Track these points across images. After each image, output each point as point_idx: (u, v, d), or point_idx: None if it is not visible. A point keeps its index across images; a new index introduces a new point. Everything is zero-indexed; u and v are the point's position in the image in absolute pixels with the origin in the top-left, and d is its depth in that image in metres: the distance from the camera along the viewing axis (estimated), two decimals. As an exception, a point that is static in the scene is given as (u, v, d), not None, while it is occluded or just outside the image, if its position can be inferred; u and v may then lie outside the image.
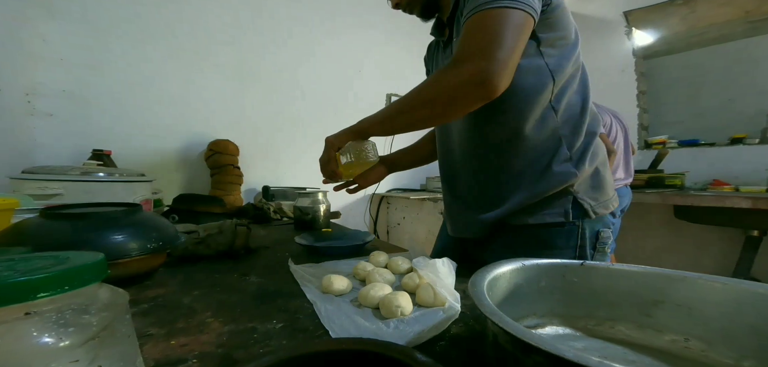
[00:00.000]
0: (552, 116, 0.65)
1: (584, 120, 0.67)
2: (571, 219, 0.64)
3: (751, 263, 2.11)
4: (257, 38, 1.93)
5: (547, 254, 0.59)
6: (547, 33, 0.63)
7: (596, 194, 0.67)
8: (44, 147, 1.43)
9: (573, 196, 0.65)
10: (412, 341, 0.40)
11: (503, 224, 0.69)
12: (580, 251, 0.65)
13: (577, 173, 0.64)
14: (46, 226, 0.58)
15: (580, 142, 0.66)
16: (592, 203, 0.66)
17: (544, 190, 0.64)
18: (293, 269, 0.69)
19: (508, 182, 0.68)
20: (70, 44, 1.47)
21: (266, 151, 1.97)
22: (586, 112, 0.68)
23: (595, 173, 0.68)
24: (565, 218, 0.65)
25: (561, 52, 0.64)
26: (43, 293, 0.19)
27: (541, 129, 0.65)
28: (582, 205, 0.65)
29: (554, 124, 0.65)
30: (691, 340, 0.38)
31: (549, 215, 0.65)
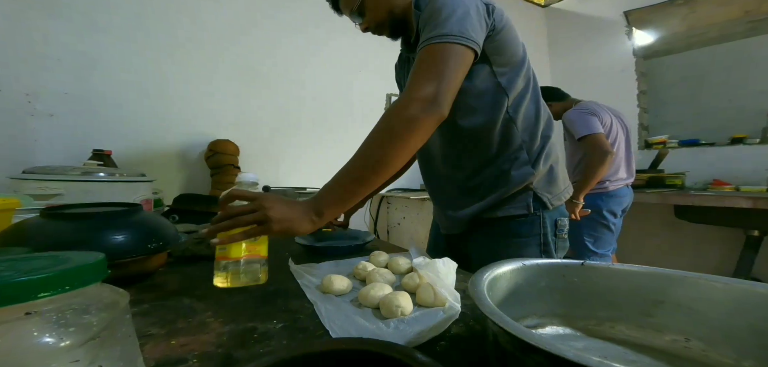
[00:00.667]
0: (512, 126, 0.75)
1: (539, 126, 0.78)
2: (533, 211, 0.76)
3: (751, 263, 2.11)
4: (257, 38, 1.93)
5: (516, 241, 0.76)
6: (497, 56, 0.72)
7: (551, 188, 0.78)
8: (45, 147, 1.43)
9: (533, 191, 0.76)
10: (412, 341, 0.40)
11: (478, 219, 0.79)
12: (544, 238, 0.76)
13: (534, 173, 0.75)
14: (47, 226, 0.58)
15: (536, 145, 0.77)
16: (549, 196, 0.77)
17: (507, 190, 0.75)
18: (293, 269, 0.69)
19: (477, 186, 0.79)
20: (71, 44, 1.47)
21: (266, 151, 1.97)
22: (541, 119, 0.78)
23: (550, 171, 0.78)
24: (527, 210, 0.76)
25: (511, 70, 0.74)
26: (44, 293, 0.19)
27: (502, 138, 0.76)
28: (541, 198, 0.76)
29: (515, 133, 0.75)
30: (691, 340, 0.38)
31: (513, 208, 0.76)
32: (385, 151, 0.59)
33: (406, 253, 0.82)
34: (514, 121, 0.75)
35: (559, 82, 2.18)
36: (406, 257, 0.74)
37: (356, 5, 0.76)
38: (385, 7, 0.78)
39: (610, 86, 2.81)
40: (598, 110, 1.69)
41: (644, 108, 2.80)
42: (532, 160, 0.76)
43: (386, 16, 0.79)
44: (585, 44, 3.02)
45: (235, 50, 1.87)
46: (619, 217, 1.81)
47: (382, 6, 0.78)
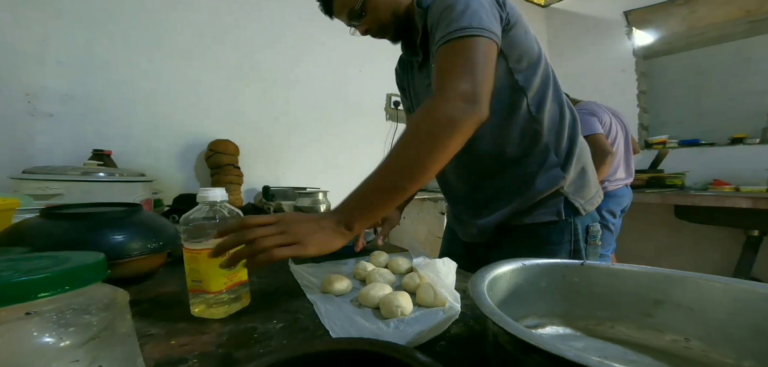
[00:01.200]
0: (535, 127, 0.70)
1: (564, 124, 0.73)
2: (564, 217, 0.71)
3: (751, 262, 2.11)
4: (257, 38, 1.93)
5: (546, 250, 0.70)
6: (512, 51, 0.68)
7: (583, 192, 0.74)
8: (44, 147, 1.42)
9: (564, 196, 0.71)
10: (412, 341, 0.40)
11: (503, 226, 0.74)
12: (575, 246, 0.71)
13: (565, 176, 0.70)
14: (47, 226, 0.58)
15: (564, 144, 0.72)
16: (582, 201, 0.72)
17: (534, 195, 0.70)
18: (293, 269, 0.69)
19: (498, 192, 0.74)
20: (71, 45, 1.47)
21: (266, 151, 1.97)
22: (565, 117, 0.73)
23: (581, 173, 0.74)
24: (558, 216, 0.71)
25: (529, 66, 0.70)
26: (44, 293, 0.19)
27: (524, 140, 0.71)
28: (573, 204, 0.71)
29: (538, 134, 0.71)
30: (691, 340, 0.38)
31: (543, 214, 0.71)
32: (421, 156, 0.53)
33: (406, 253, 0.82)
34: (539, 120, 0.70)
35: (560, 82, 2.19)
36: (406, 257, 0.74)
37: (358, 5, 0.72)
38: (388, 7, 0.74)
39: (611, 86, 2.81)
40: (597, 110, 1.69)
41: (644, 108, 2.80)
42: (562, 162, 0.71)
43: (390, 17, 0.75)
44: (585, 44, 3.02)
45: (236, 50, 1.87)
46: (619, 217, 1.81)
47: (386, 6, 0.74)
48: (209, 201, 0.49)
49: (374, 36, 0.79)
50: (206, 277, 0.47)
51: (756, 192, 1.94)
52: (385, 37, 0.79)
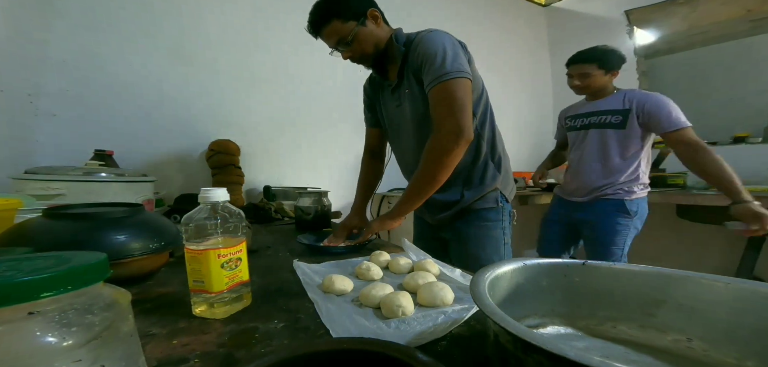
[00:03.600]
0: (479, 142, 0.96)
1: (496, 139, 1.02)
2: (499, 204, 1.01)
3: (753, 262, 2.10)
4: (258, 38, 1.93)
5: (488, 225, 1.00)
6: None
7: (508, 188, 1.04)
8: (46, 147, 1.43)
9: (499, 190, 1.01)
10: (412, 341, 0.40)
11: (462, 210, 1.00)
12: (503, 223, 1.01)
13: (499, 177, 1.01)
14: (49, 226, 0.59)
15: (497, 154, 1.02)
16: (508, 194, 1.03)
17: (483, 190, 0.99)
18: (296, 265, 0.69)
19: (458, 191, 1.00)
20: (72, 45, 1.48)
21: (267, 150, 1.97)
22: (496, 134, 1.03)
23: (505, 174, 1.03)
24: (495, 204, 1.00)
25: (477, 97, 0.94)
26: (46, 292, 0.19)
27: (472, 152, 0.96)
28: (504, 195, 1.02)
29: (480, 147, 0.97)
30: (693, 340, 0.38)
31: (487, 202, 1.00)
32: (432, 173, 0.86)
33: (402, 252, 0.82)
34: (481, 136, 0.97)
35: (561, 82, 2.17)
36: (406, 257, 0.74)
37: (349, 38, 0.89)
38: (371, 41, 0.92)
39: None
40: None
41: (646, 107, 2.78)
42: (497, 167, 1.01)
43: (372, 49, 0.93)
44: (586, 43, 2.97)
45: (237, 50, 1.87)
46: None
47: (370, 40, 0.92)
48: (211, 201, 0.49)
49: (354, 62, 0.96)
50: (208, 277, 0.47)
51: (758, 191, 1.93)
52: (362, 63, 0.96)
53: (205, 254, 0.47)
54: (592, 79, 1.46)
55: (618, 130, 1.40)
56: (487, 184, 0.99)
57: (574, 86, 1.52)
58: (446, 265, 0.70)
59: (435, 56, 0.82)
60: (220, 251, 0.47)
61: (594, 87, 1.47)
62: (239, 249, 0.50)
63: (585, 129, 1.50)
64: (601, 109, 1.46)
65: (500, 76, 2.90)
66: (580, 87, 1.50)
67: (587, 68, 1.45)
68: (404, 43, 0.92)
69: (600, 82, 1.47)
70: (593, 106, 1.50)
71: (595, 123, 1.47)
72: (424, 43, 0.86)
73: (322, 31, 0.91)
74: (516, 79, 2.94)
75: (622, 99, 1.43)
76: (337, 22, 0.89)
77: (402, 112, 0.99)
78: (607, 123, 1.43)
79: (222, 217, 0.49)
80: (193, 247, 0.48)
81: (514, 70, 2.95)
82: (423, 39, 0.87)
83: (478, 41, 2.79)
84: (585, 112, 1.52)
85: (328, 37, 0.92)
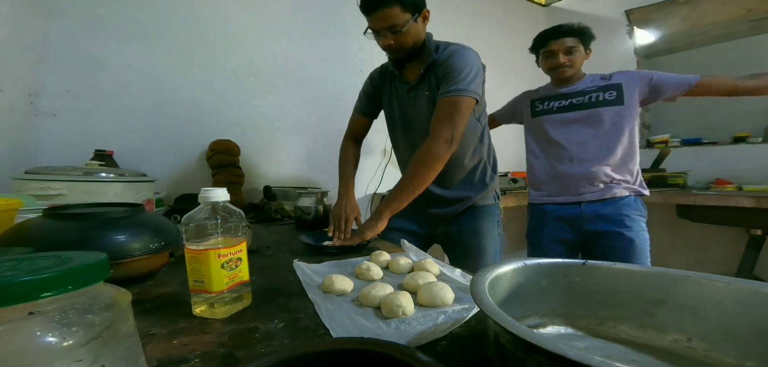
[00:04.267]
0: (481, 149, 1.12)
1: (491, 150, 1.18)
2: (495, 201, 1.16)
3: (754, 262, 2.10)
4: (258, 37, 1.93)
5: (489, 219, 1.12)
6: (481, 101, 1.01)
7: (498, 189, 1.19)
8: (47, 147, 1.43)
9: (495, 190, 1.17)
10: (412, 341, 0.40)
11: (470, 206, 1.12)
12: (498, 217, 1.15)
13: (496, 177, 1.17)
14: (49, 226, 0.59)
15: (492, 162, 1.17)
16: (498, 193, 1.19)
17: (484, 190, 1.12)
18: (296, 265, 0.69)
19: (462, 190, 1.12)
20: (73, 44, 1.48)
21: (267, 151, 1.97)
22: (491, 143, 1.18)
23: (492, 176, 1.16)
24: (493, 201, 1.16)
25: (481, 109, 1.09)
26: (47, 292, 0.19)
27: (474, 157, 1.11)
28: (497, 194, 1.18)
29: (483, 155, 1.12)
30: (693, 340, 0.38)
31: (487, 199, 1.14)
32: (422, 176, 0.94)
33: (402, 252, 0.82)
34: (483, 143, 1.12)
35: (561, 82, 2.17)
36: (406, 257, 0.74)
37: (405, 27, 0.92)
38: (415, 38, 0.97)
39: (612, 85, 2.80)
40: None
41: (646, 107, 2.79)
42: (493, 170, 1.17)
43: (411, 46, 0.98)
44: (586, 43, 3.01)
45: (237, 50, 1.87)
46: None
47: (414, 37, 0.97)
48: (211, 201, 0.49)
49: (393, 53, 1.00)
50: (208, 277, 0.47)
51: (759, 191, 1.93)
52: (396, 55, 1.01)
53: (206, 254, 0.47)
54: (576, 57, 1.25)
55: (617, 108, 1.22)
56: (487, 183, 1.13)
57: (557, 66, 1.26)
58: (446, 265, 0.70)
59: (461, 71, 0.93)
60: (220, 251, 0.47)
61: (577, 66, 1.27)
62: (239, 249, 0.50)
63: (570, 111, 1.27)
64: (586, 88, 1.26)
65: (500, 75, 2.90)
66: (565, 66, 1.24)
67: (572, 42, 1.23)
68: (435, 48, 1.01)
69: (581, 61, 1.28)
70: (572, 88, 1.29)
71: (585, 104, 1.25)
72: (457, 57, 0.96)
73: (380, 10, 0.90)
74: (516, 79, 2.94)
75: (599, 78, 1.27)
76: (398, 8, 0.90)
77: (417, 111, 1.06)
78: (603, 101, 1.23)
79: (222, 217, 0.49)
80: (194, 247, 0.48)
81: (514, 69, 2.94)
82: (457, 52, 0.97)
83: (478, 40, 2.79)
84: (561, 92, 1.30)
85: (382, 19, 0.91)
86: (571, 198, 1.28)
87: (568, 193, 1.29)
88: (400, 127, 1.13)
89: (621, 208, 1.23)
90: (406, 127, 1.11)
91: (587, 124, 1.24)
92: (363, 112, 1.22)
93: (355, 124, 1.25)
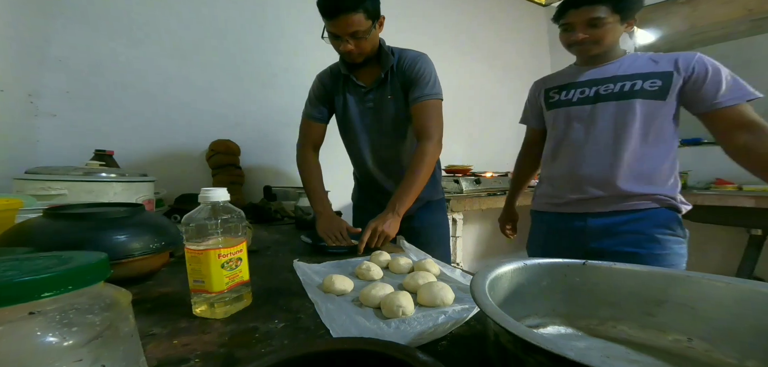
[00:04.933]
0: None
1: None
2: (443, 196, 1.29)
3: (754, 262, 2.10)
4: (259, 37, 1.94)
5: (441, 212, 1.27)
6: None
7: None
8: (47, 147, 1.43)
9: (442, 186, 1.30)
10: (412, 341, 0.40)
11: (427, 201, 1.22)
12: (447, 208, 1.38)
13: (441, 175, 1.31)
14: (50, 226, 0.59)
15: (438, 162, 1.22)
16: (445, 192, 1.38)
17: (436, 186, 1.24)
18: (296, 265, 0.69)
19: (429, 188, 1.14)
20: (72, 45, 1.48)
21: (267, 150, 1.97)
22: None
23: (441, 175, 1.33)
24: (442, 195, 1.28)
25: None
26: (47, 292, 0.19)
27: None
28: (444, 191, 1.33)
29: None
30: (694, 340, 0.38)
31: (438, 194, 1.26)
32: (426, 174, 1.02)
33: (402, 252, 0.82)
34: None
35: (561, 82, 2.17)
36: (406, 257, 0.74)
37: (368, 34, 0.96)
38: (373, 44, 1.03)
39: (612, 85, 2.79)
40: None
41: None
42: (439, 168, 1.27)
43: (369, 52, 1.02)
44: (586, 43, 3.00)
45: (237, 50, 1.87)
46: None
47: (373, 43, 1.02)
48: (211, 201, 0.49)
49: (350, 58, 1.01)
50: (208, 277, 0.47)
51: (759, 191, 1.93)
52: (353, 60, 1.02)
53: (206, 254, 0.47)
54: (606, 31, 0.92)
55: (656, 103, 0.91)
56: (438, 180, 1.27)
57: (576, 42, 0.96)
58: (446, 265, 0.70)
59: (430, 76, 1.04)
60: (220, 251, 0.47)
61: (607, 42, 0.94)
62: (239, 249, 0.50)
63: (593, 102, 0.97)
64: (624, 72, 0.94)
65: (500, 74, 2.90)
66: (587, 43, 0.95)
67: (598, 11, 0.90)
68: (392, 52, 1.07)
69: (614, 36, 0.94)
70: (602, 72, 0.98)
71: (615, 93, 0.93)
72: (424, 62, 1.05)
73: (345, 15, 0.91)
74: (516, 78, 2.94)
75: (647, 60, 0.95)
76: (362, 14, 0.92)
77: (377, 113, 1.11)
78: (641, 91, 0.91)
79: (222, 217, 0.49)
80: (194, 247, 0.48)
81: (514, 69, 2.94)
82: (422, 58, 1.06)
83: (478, 40, 2.80)
84: (587, 79, 1.00)
85: (346, 24, 0.92)
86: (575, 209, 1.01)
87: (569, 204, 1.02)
88: (357, 129, 1.14)
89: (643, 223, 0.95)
90: (365, 129, 1.13)
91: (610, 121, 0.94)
92: (319, 118, 1.17)
93: (311, 133, 1.17)
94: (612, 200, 0.96)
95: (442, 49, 2.43)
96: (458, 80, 2.56)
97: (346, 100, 1.14)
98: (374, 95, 1.10)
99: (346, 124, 1.17)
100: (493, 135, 2.82)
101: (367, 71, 1.09)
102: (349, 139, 1.20)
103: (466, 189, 2.05)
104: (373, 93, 1.10)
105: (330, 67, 1.19)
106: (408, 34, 2.28)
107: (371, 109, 1.11)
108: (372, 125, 1.13)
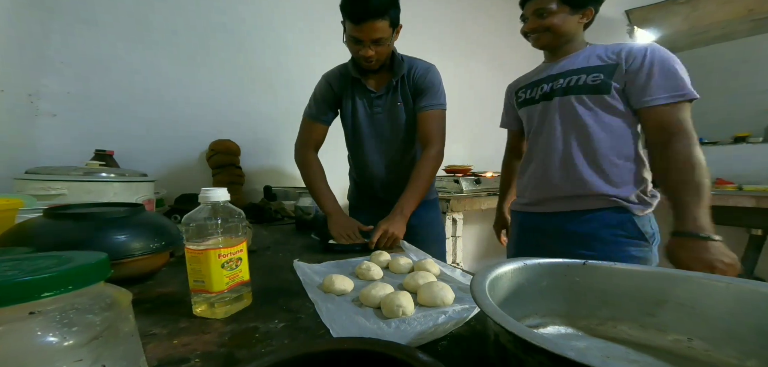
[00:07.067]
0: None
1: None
2: (437, 195, 1.34)
3: (754, 262, 2.10)
4: (259, 37, 1.93)
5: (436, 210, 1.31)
6: None
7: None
8: (47, 147, 1.43)
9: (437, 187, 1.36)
10: (413, 341, 0.40)
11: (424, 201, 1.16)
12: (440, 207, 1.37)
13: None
14: (50, 226, 0.59)
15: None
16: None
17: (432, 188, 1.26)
18: (296, 265, 0.69)
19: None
20: (73, 45, 1.48)
21: (268, 151, 1.97)
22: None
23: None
24: (436, 195, 1.33)
25: None
26: (47, 292, 0.19)
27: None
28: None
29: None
30: (694, 340, 0.38)
31: (433, 194, 1.29)
32: (431, 179, 1.08)
33: (404, 253, 0.82)
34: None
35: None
36: (406, 257, 0.74)
37: (390, 41, 1.01)
38: (389, 51, 1.05)
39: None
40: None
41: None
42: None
43: (385, 58, 1.05)
44: (586, 43, 3.01)
45: (238, 50, 1.87)
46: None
47: (389, 50, 1.05)
48: (211, 201, 0.49)
49: (368, 63, 1.03)
50: (208, 277, 0.47)
51: (759, 191, 1.94)
52: (370, 66, 1.04)
53: (206, 253, 0.47)
54: (553, 19, 0.91)
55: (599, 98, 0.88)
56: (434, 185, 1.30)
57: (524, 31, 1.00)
58: (447, 265, 0.70)
59: (439, 86, 1.10)
60: (220, 250, 0.47)
61: (559, 32, 0.93)
62: (240, 249, 0.50)
63: (547, 99, 0.96)
64: (572, 67, 0.93)
65: (499, 74, 2.89)
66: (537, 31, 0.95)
67: (544, 2, 0.91)
68: (404, 60, 1.11)
69: (566, 27, 0.93)
70: (559, 67, 0.96)
71: (562, 88, 0.92)
72: (434, 74, 1.10)
73: (372, 21, 0.93)
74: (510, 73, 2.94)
75: (601, 53, 0.91)
76: (386, 21, 0.95)
77: (386, 119, 1.13)
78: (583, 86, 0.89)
79: (222, 217, 0.49)
80: (194, 247, 0.48)
81: (514, 69, 2.94)
82: (432, 69, 1.10)
83: (476, 39, 2.80)
84: (546, 75, 0.99)
85: (372, 30, 0.94)
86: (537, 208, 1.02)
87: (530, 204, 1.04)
88: (364, 133, 1.15)
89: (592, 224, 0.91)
90: (373, 134, 1.15)
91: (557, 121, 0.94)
92: (322, 120, 1.16)
93: (314, 134, 1.16)
94: (559, 201, 0.95)
95: (443, 50, 2.43)
96: (458, 80, 2.56)
97: (354, 104, 1.15)
98: (383, 101, 1.11)
99: (353, 127, 1.17)
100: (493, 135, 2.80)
101: (377, 76, 1.11)
102: (355, 143, 1.20)
103: (466, 189, 2.04)
104: (382, 98, 1.11)
105: (338, 68, 1.18)
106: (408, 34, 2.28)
107: (380, 115, 1.13)
108: (380, 130, 1.14)
